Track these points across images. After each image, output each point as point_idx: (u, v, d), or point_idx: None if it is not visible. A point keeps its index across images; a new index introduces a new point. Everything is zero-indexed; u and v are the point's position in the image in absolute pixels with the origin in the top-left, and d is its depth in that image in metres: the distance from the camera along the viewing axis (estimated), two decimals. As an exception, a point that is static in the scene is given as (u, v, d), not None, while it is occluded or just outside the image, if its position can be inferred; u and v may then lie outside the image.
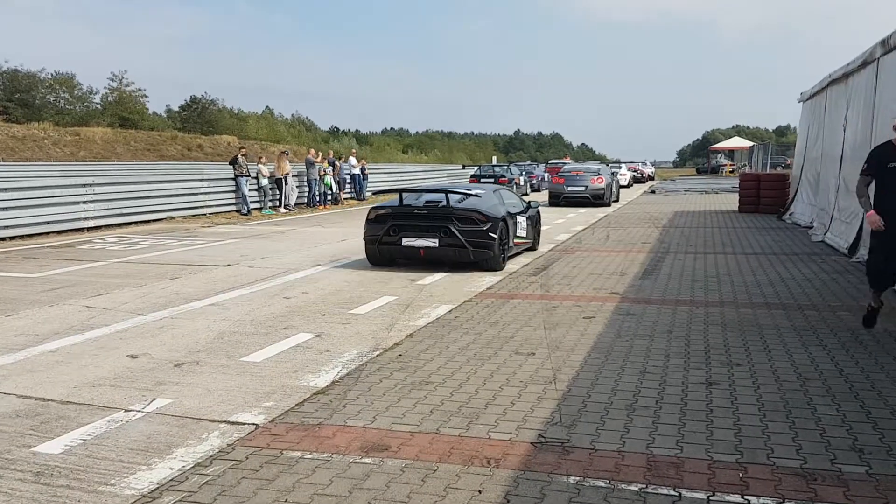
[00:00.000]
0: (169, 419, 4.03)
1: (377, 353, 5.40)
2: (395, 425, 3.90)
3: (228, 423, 3.98)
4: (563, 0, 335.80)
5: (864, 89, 10.66)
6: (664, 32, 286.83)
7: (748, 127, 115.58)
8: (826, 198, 13.00)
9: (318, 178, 22.37)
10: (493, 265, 9.42)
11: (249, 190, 19.64)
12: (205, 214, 18.43)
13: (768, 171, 26.45)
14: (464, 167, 40.95)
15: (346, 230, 15.15)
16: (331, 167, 23.40)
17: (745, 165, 52.49)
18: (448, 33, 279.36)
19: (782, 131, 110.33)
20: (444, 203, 9.41)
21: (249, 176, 19.67)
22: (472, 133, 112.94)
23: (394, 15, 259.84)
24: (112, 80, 45.09)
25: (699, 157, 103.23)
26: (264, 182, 20.16)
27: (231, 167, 19.66)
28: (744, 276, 8.75)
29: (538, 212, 12.02)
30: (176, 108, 50.73)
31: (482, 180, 26.34)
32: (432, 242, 9.26)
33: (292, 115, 65.31)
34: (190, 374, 4.87)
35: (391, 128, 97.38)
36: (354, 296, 7.68)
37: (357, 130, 73.79)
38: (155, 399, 4.36)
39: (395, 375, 4.81)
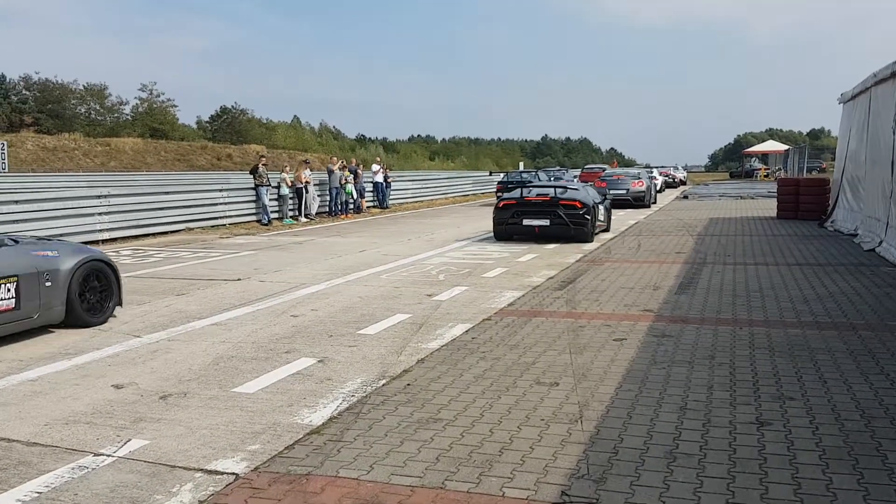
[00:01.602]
0: (140, 466, 3.56)
1: (383, 381, 4.88)
2: (395, 476, 3.38)
3: (205, 471, 3.48)
4: (589, 4, 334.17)
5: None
6: (693, 35, 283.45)
7: (781, 130, 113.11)
8: (876, 204, 12.16)
9: (339, 186, 22.00)
10: (586, 238, 13.06)
11: (270, 199, 19.33)
12: (224, 225, 18.13)
13: (807, 176, 25.48)
14: (490, 174, 40.23)
15: (365, 240, 14.69)
16: (352, 175, 23.00)
17: (780, 169, 51.11)
18: (474, 40, 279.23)
19: (816, 134, 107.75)
20: (553, 195, 13.21)
21: (270, 185, 19.36)
22: (499, 139, 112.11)
23: (419, 23, 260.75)
24: (142, 90, 45.61)
25: (731, 160, 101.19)
26: (285, 191, 19.83)
27: (251, 176, 19.39)
28: (789, 291, 8.05)
29: (611, 202, 16.13)
30: (206, 119, 51.21)
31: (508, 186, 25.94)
32: (545, 222, 12.95)
33: (320, 123, 65.62)
34: (174, 409, 4.41)
35: (418, 135, 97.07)
36: (366, 313, 7.19)
37: (384, 138, 73.67)
38: (130, 440, 3.89)
39: (401, 410, 4.29)
